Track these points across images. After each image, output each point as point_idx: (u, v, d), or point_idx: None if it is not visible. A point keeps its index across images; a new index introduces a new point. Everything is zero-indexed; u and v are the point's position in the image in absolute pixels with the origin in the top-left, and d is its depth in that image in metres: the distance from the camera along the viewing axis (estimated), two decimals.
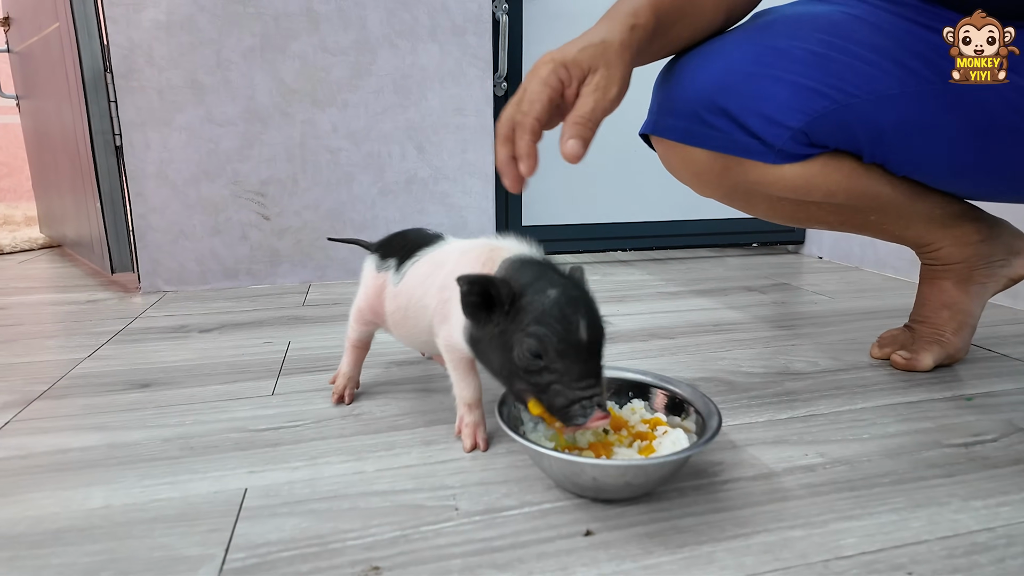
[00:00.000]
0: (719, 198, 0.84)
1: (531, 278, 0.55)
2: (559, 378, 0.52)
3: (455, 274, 0.61)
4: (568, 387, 0.52)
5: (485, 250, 0.62)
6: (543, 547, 0.51)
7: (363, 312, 0.76)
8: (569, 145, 0.59)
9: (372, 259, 0.76)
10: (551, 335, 0.52)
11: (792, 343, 1.01)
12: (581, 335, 0.53)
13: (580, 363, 0.52)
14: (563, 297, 0.53)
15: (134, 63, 1.26)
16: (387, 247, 0.75)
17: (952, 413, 0.75)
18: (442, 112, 1.43)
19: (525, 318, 0.53)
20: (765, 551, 0.50)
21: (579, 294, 0.55)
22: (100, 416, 0.76)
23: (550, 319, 0.52)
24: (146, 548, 0.51)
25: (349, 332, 0.79)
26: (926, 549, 0.51)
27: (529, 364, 0.53)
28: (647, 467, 0.53)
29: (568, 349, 0.52)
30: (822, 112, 0.71)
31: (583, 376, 0.53)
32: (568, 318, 0.52)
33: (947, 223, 0.83)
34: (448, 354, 0.65)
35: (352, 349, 0.80)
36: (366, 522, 0.54)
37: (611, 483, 0.54)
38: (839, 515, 0.55)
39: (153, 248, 1.35)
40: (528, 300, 0.53)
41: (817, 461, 0.64)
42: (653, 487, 0.57)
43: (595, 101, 0.60)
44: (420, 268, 0.68)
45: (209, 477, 0.62)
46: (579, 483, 0.55)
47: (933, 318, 0.88)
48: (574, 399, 0.52)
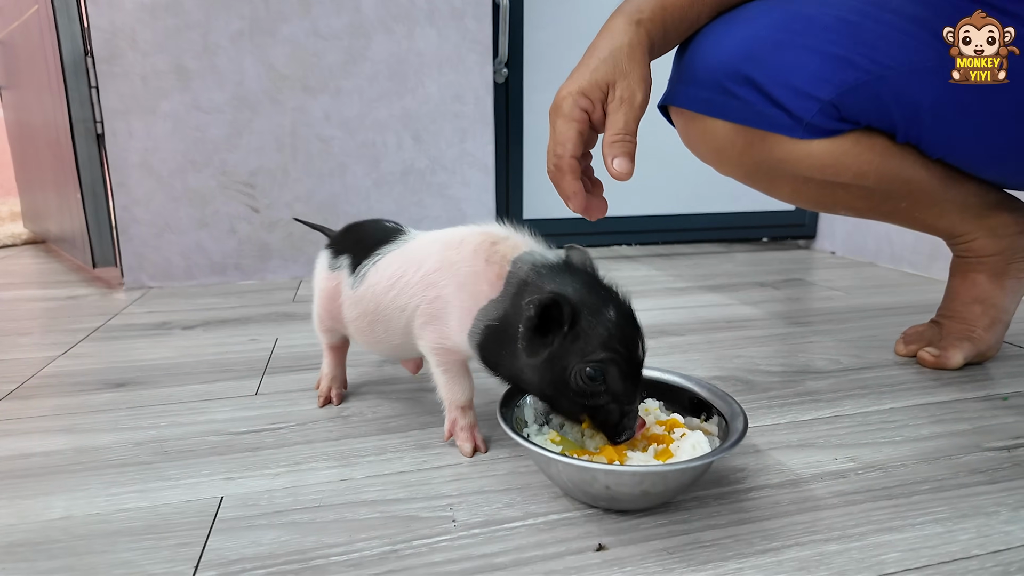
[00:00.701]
0: (740, 177, 0.79)
1: (581, 293, 0.51)
2: (615, 399, 0.51)
3: (444, 270, 0.56)
4: (623, 405, 0.51)
5: (484, 243, 0.56)
6: (550, 564, 0.45)
7: (322, 319, 0.70)
8: (616, 164, 0.58)
9: (324, 256, 0.69)
10: (618, 361, 0.50)
11: (810, 340, 0.95)
12: (639, 355, 0.52)
13: (634, 383, 0.52)
14: (621, 317, 0.51)
15: (116, 47, 1.20)
16: (339, 243, 0.68)
17: (988, 414, 0.70)
18: (440, 100, 1.38)
19: (588, 344, 0.50)
20: (799, 568, 0.45)
21: (627, 307, 0.53)
22: (69, 418, 0.71)
23: (616, 343, 0.50)
24: (107, 565, 0.46)
25: (318, 335, 0.73)
26: (978, 565, 0.45)
27: (590, 389, 0.50)
28: (667, 474, 0.48)
29: (628, 372, 0.51)
30: (854, 84, 0.65)
31: (634, 393, 0.52)
32: (630, 340, 0.51)
33: (982, 212, 0.78)
34: (437, 356, 0.59)
35: (330, 350, 0.74)
36: (353, 535, 0.49)
37: (627, 492, 0.48)
38: (878, 527, 0.50)
39: (137, 242, 1.29)
40: (588, 323, 0.50)
41: (848, 466, 0.59)
42: (672, 496, 0.51)
43: (624, 115, 0.60)
44: (386, 269, 0.60)
45: (182, 485, 0.57)
46: (591, 492, 0.50)
47: (964, 313, 0.83)
48: (623, 413, 0.51)
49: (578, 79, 0.61)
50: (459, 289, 0.55)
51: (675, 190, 1.72)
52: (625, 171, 0.58)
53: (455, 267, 0.56)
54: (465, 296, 0.55)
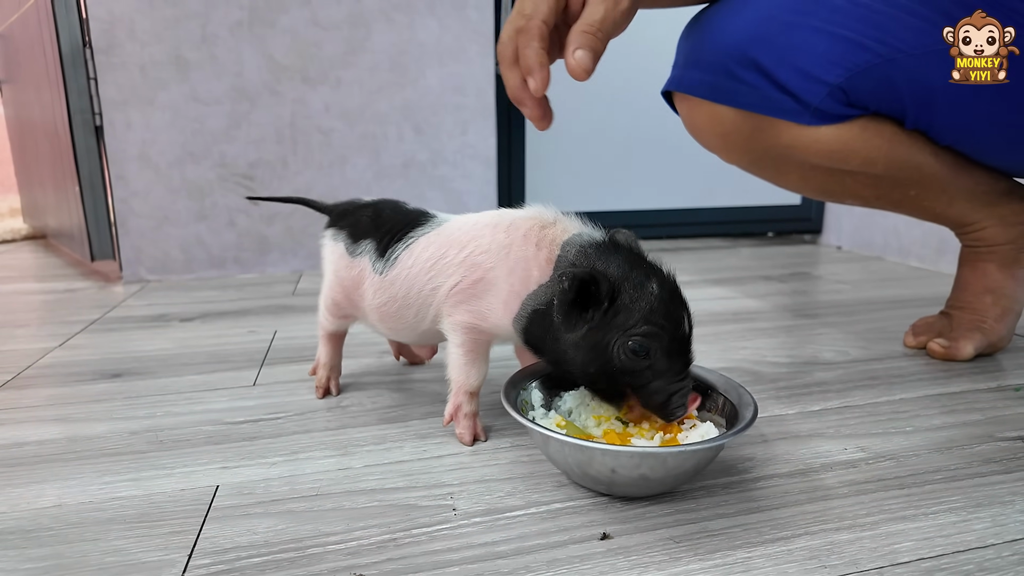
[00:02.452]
0: (746, 165, 0.77)
1: (623, 269, 0.50)
2: (661, 374, 0.49)
3: (493, 252, 0.55)
4: (668, 382, 0.50)
5: (535, 227, 0.55)
6: (553, 552, 0.44)
7: (340, 306, 0.67)
8: (577, 56, 0.51)
9: (337, 241, 0.65)
10: (662, 335, 0.49)
11: (818, 332, 0.94)
12: (686, 329, 0.51)
13: (682, 357, 0.50)
14: (664, 290, 0.50)
15: (115, 38, 1.19)
16: (355, 226, 0.64)
17: (1001, 404, 0.68)
18: (441, 91, 1.36)
19: (630, 318, 0.49)
20: (810, 557, 0.44)
21: (674, 283, 0.52)
22: (63, 407, 0.69)
23: (660, 318, 0.49)
24: (98, 552, 0.45)
25: (322, 322, 0.71)
26: (994, 554, 0.44)
27: (634, 365, 0.49)
28: (666, 457, 0.46)
29: (675, 347, 0.50)
30: (864, 67, 0.64)
31: (683, 369, 0.51)
32: (675, 314, 0.50)
33: (993, 201, 0.76)
34: (465, 335, 0.58)
35: (329, 338, 0.72)
36: (351, 524, 0.48)
37: (625, 474, 0.47)
38: (890, 516, 0.48)
39: (135, 235, 1.28)
40: (630, 297, 0.49)
41: (859, 456, 0.57)
42: (674, 483, 0.50)
43: (605, 10, 0.53)
44: (423, 252, 0.59)
45: (176, 474, 0.55)
46: (590, 473, 0.48)
47: (974, 303, 0.81)
48: (673, 391, 0.50)
49: None
50: (509, 273, 0.54)
51: (679, 184, 1.70)
52: (585, 67, 0.51)
53: (506, 251, 0.55)
54: (515, 280, 0.54)
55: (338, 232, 0.66)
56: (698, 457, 0.47)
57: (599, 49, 0.53)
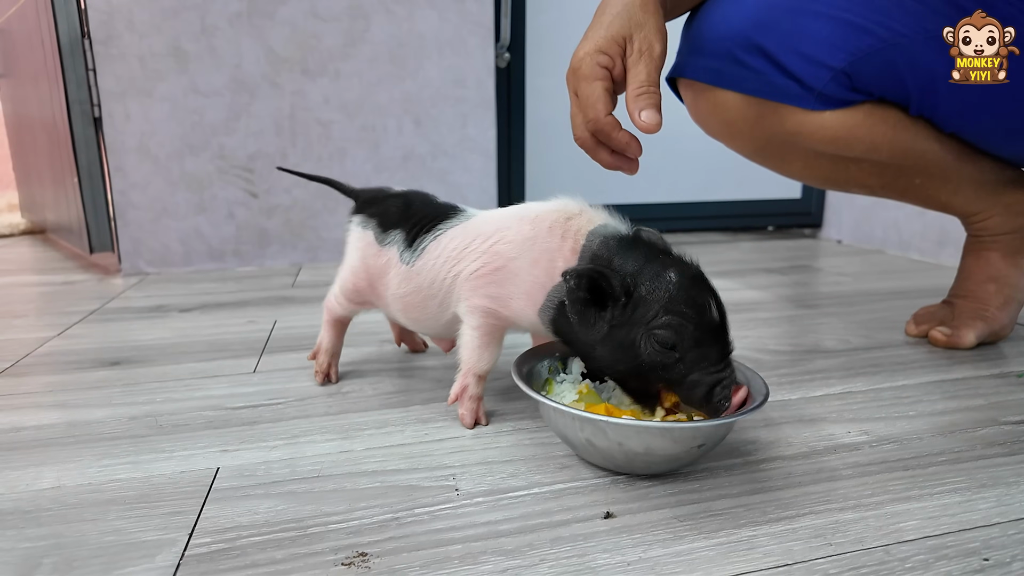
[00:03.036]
0: (751, 153, 0.77)
1: (641, 261, 0.50)
2: (696, 366, 0.48)
3: (517, 242, 0.55)
4: (706, 372, 0.48)
5: (559, 219, 0.55)
6: (557, 531, 0.44)
7: (361, 292, 0.67)
8: (644, 116, 0.55)
9: (366, 229, 0.65)
10: (686, 324, 0.47)
11: (819, 321, 0.94)
12: (713, 315, 0.48)
13: (716, 345, 0.48)
14: (685, 279, 0.48)
15: (113, 29, 1.19)
16: (385, 215, 0.64)
17: (1004, 390, 0.68)
18: (441, 84, 1.36)
19: (649, 310, 0.48)
20: (815, 535, 0.43)
21: (696, 270, 0.50)
22: (62, 394, 0.69)
23: (681, 306, 0.47)
24: (97, 532, 0.45)
25: (333, 306, 0.70)
26: (1000, 532, 0.44)
27: (663, 359, 0.48)
28: (674, 431, 0.46)
29: (703, 334, 0.47)
30: (867, 51, 0.64)
31: (720, 357, 0.48)
32: (697, 301, 0.48)
33: (998, 190, 0.76)
34: (481, 318, 0.57)
35: (334, 323, 0.71)
36: (352, 504, 0.47)
37: (634, 449, 0.47)
38: (894, 496, 0.48)
39: (134, 227, 1.27)
40: (648, 288, 0.48)
41: (862, 439, 0.57)
42: (683, 459, 0.49)
43: (645, 66, 0.57)
44: (450, 243, 0.59)
45: (176, 457, 0.55)
46: (601, 449, 0.48)
47: (977, 292, 0.81)
48: (714, 383, 0.48)
49: (593, 38, 0.58)
50: (533, 264, 0.54)
51: (679, 178, 1.70)
52: (654, 123, 0.55)
53: (530, 242, 0.55)
54: (539, 271, 0.54)
55: (367, 220, 0.65)
56: (705, 434, 0.47)
57: (657, 102, 0.56)
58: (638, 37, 0.57)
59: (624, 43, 0.58)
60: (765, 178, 1.59)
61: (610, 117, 0.57)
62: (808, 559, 0.41)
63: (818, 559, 0.41)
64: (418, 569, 0.40)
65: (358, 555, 0.41)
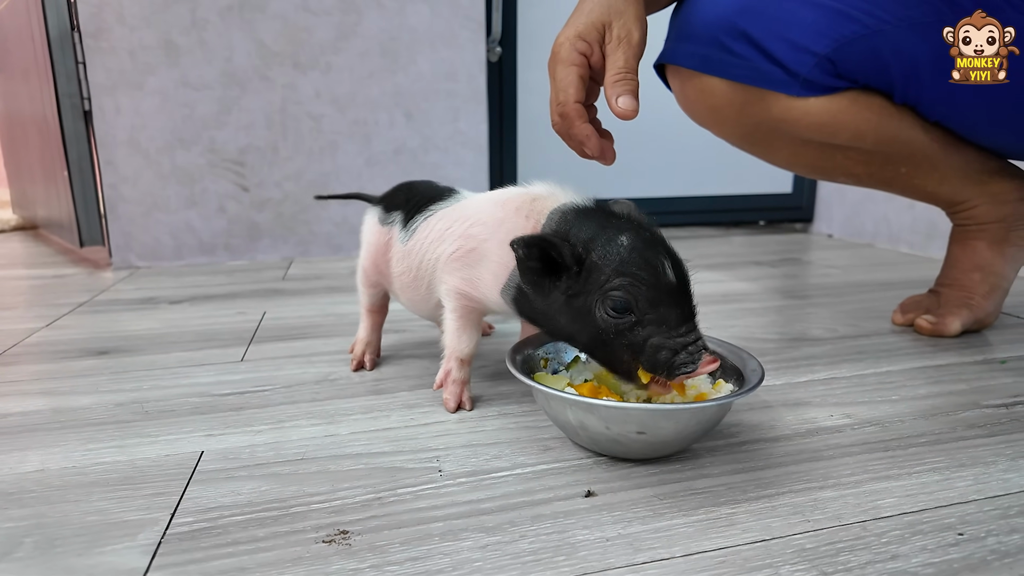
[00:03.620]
0: (737, 140, 0.77)
1: (594, 229, 0.49)
2: (655, 329, 0.46)
3: (489, 224, 0.56)
4: (668, 336, 0.46)
5: (526, 200, 0.55)
6: (538, 509, 0.44)
7: (368, 272, 0.70)
8: (621, 102, 0.56)
9: (375, 212, 0.69)
10: (637, 283, 0.46)
11: (807, 311, 0.94)
12: (669, 276, 0.47)
13: (675, 307, 0.47)
14: (638, 240, 0.48)
15: (103, 22, 1.19)
16: (391, 199, 0.68)
17: (987, 375, 0.68)
18: (432, 77, 1.36)
19: (602, 275, 0.47)
20: (793, 512, 0.44)
21: (652, 234, 0.49)
22: (49, 382, 0.69)
23: (632, 267, 0.46)
24: (80, 513, 0.45)
25: (360, 297, 0.73)
26: (976, 508, 0.44)
27: (618, 323, 0.47)
28: (656, 413, 0.46)
29: (659, 295, 0.46)
30: (851, 37, 0.64)
31: (682, 320, 0.47)
32: (651, 261, 0.47)
33: (983, 179, 0.77)
34: (455, 301, 0.58)
35: (367, 314, 0.73)
36: (335, 485, 0.47)
37: (620, 430, 0.47)
38: (874, 475, 0.49)
39: (125, 221, 1.27)
40: (599, 254, 0.48)
41: (844, 422, 0.57)
42: (675, 444, 0.50)
43: (623, 53, 0.57)
44: (436, 224, 0.60)
45: (161, 441, 0.55)
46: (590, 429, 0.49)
47: (963, 280, 0.81)
48: (678, 347, 0.46)
49: (574, 24, 0.59)
50: (500, 245, 0.55)
51: (671, 173, 1.70)
52: (630, 108, 0.55)
53: (499, 224, 0.55)
54: (504, 252, 0.54)
55: (376, 207, 0.69)
56: (687, 417, 0.47)
57: (634, 88, 0.57)
58: (617, 24, 0.58)
59: (603, 30, 0.58)
60: (757, 173, 1.59)
61: (577, 104, 0.57)
62: (786, 535, 0.41)
63: (796, 535, 0.41)
64: (399, 546, 0.40)
65: (339, 533, 0.42)
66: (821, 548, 0.40)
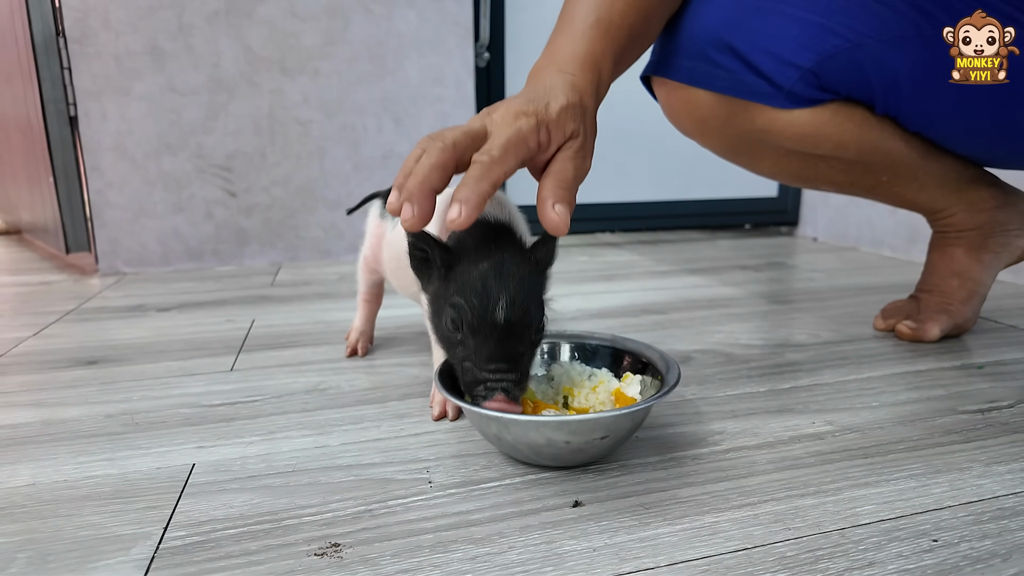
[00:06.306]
0: (722, 150, 0.79)
1: (474, 244, 0.51)
2: (471, 355, 0.49)
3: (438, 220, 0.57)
4: (478, 366, 0.48)
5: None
6: (526, 519, 0.45)
7: (367, 260, 0.76)
8: (558, 211, 0.48)
9: (377, 205, 0.74)
10: (467, 308, 0.48)
11: (791, 317, 0.96)
12: (497, 315, 0.47)
13: (491, 343, 0.48)
14: (491, 271, 0.48)
15: (89, 27, 1.18)
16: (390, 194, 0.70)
17: (964, 381, 0.70)
18: (420, 83, 1.37)
19: (451, 287, 0.50)
20: (775, 520, 0.45)
21: (514, 270, 0.49)
22: (37, 393, 0.69)
23: (469, 292, 0.48)
24: (72, 527, 0.45)
25: (358, 285, 0.79)
26: (950, 515, 0.46)
27: (450, 335, 0.50)
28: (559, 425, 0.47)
29: (481, 326, 0.48)
30: (833, 51, 0.66)
31: (492, 358, 0.48)
32: (487, 293, 0.48)
33: (961, 187, 0.79)
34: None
35: (363, 304, 0.80)
36: (326, 497, 0.48)
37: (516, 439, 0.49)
38: (853, 482, 0.50)
39: (111, 227, 1.26)
40: (459, 270, 0.50)
41: (826, 429, 0.59)
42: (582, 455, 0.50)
43: (575, 168, 0.51)
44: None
45: (152, 453, 0.55)
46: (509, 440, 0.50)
47: (942, 286, 0.83)
48: (480, 380, 0.48)
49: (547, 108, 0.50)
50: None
51: (658, 177, 1.72)
52: (565, 223, 0.48)
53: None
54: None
55: (380, 201, 0.74)
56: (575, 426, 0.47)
57: (573, 204, 0.50)
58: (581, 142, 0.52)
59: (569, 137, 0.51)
60: (742, 178, 1.61)
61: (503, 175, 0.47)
62: (767, 543, 0.42)
63: (777, 543, 0.42)
64: (390, 558, 0.41)
65: (331, 545, 0.42)
66: (801, 556, 0.41)
